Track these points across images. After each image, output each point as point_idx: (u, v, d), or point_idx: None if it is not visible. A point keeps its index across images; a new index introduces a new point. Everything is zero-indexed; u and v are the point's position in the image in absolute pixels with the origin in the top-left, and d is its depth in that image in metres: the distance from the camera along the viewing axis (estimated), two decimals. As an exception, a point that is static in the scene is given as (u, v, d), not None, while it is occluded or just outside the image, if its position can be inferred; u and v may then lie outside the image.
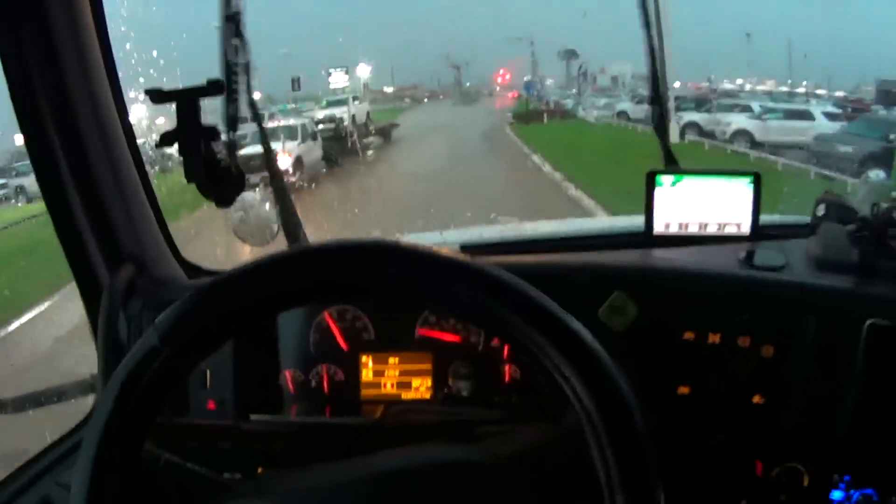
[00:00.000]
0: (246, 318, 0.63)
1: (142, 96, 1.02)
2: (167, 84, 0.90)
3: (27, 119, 1.12)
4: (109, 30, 1.19)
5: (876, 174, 1.42)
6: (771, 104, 18.29)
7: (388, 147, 18.21)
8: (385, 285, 0.62)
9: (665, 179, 1.32)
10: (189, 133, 0.90)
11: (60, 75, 1.11)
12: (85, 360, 1.31)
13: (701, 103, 18.88)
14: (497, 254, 1.33)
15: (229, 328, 0.64)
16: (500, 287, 0.59)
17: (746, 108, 17.09)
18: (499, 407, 1.14)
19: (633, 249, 1.31)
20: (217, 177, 0.94)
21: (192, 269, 1.39)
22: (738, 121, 15.70)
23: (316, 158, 13.02)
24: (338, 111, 18.08)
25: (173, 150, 0.91)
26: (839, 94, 24.23)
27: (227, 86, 0.97)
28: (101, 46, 1.17)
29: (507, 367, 1.17)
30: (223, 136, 0.95)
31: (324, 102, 20.96)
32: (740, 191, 1.31)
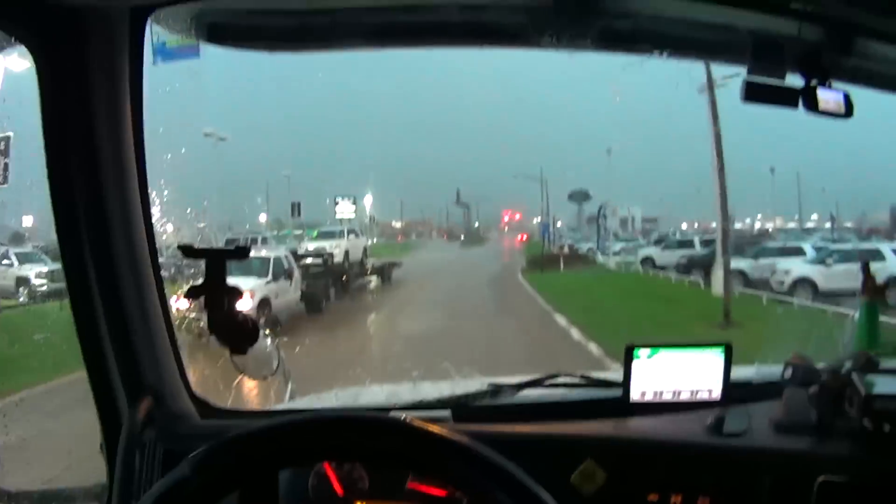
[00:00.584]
0: (269, 467, 0.81)
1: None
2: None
3: (68, 248, 1.25)
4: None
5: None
6: (823, 244, 16.81)
7: (385, 290, 16.70)
8: (398, 456, 0.80)
9: (642, 352, 1.41)
10: (215, 290, 1.02)
11: (102, 201, 1.24)
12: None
13: (739, 248, 16.00)
14: (486, 421, 1.43)
15: (254, 473, 0.81)
16: (491, 467, 0.76)
17: (798, 251, 15.56)
18: None
19: (610, 419, 1.40)
20: (235, 329, 1.07)
21: (202, 405, 1.48)
22: (797, 267, 13.99)
23: (290, 301, 11.74)
24: (329, 244, 16.17)
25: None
26: (847, 224, 24.09)
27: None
28: (139, 175, 1.30)
29: None
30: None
31: (314, 234, 18.67)
32: (712, 360, 1.41)
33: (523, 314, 12.56)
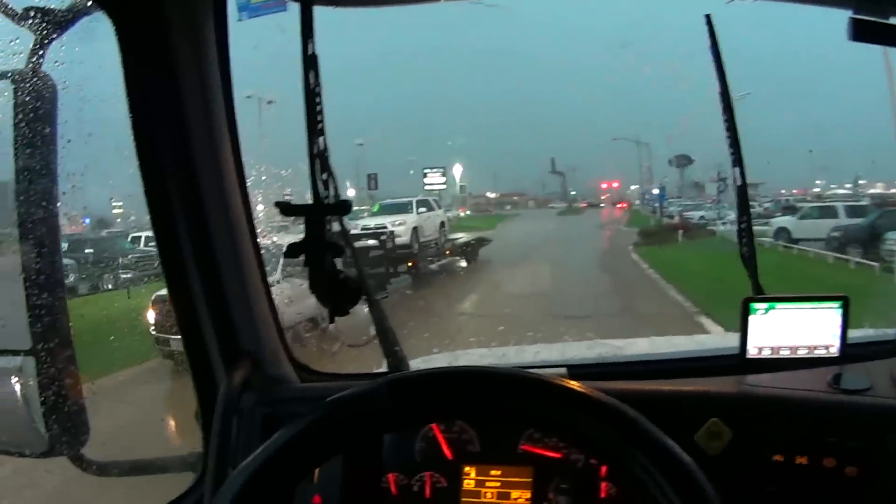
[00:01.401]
0: (396, 422, 0.84)
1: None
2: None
3: (159, 213, 1.25)
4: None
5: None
6: None
7: (467, 275, 14.01)
8: (526, 413, 0.80)
9: (759, 307, 1.36)
10: (315, 247, 0.99)
11: (194, 170, 1.24)
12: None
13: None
14: (600, 378, 1.38)
15: (377, 429, 0.85)
16: (627, 423, 0.73)
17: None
18: None
19: (727, 376, 1.34)
20: (336, 289, 1.03)
21: (302, 369, 1.48)
22: None
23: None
24: (391, 221, 12.98)
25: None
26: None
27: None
28: (231, 142, 1.29)
29: (603, 485, 1.22)
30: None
31: (376, 207, 15.22)
32: (829, 316, 1.35)
33: (656, 318, 8.58)
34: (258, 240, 1.37)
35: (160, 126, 1.20)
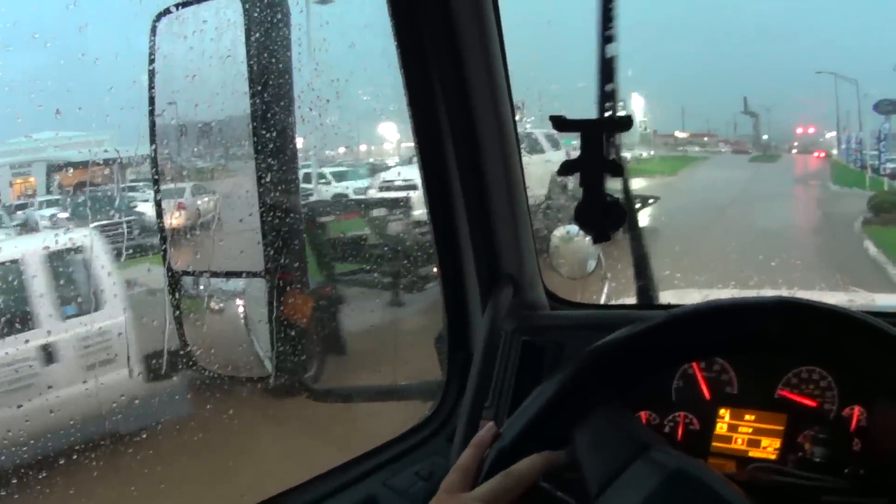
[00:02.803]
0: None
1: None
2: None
3: (422, 123, 1.25)
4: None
5: None
6: None
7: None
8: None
9: None
10: (592, 166, 0.92)
11: (463, 80, 1.22)
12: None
13: None
14: None
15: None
16: None
17: None
18: (847, 478, 1.12)
19: None
20: (605, 212, 0.96)
21: (554, 299, 1.45)
22: None
23: None
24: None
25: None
26: None
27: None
28: (503, 62, 1.26)
29: (855, 439, 1.17)
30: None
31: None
32: None
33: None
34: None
35: (429, 37, 1.20)
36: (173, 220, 1.25)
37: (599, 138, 0.92)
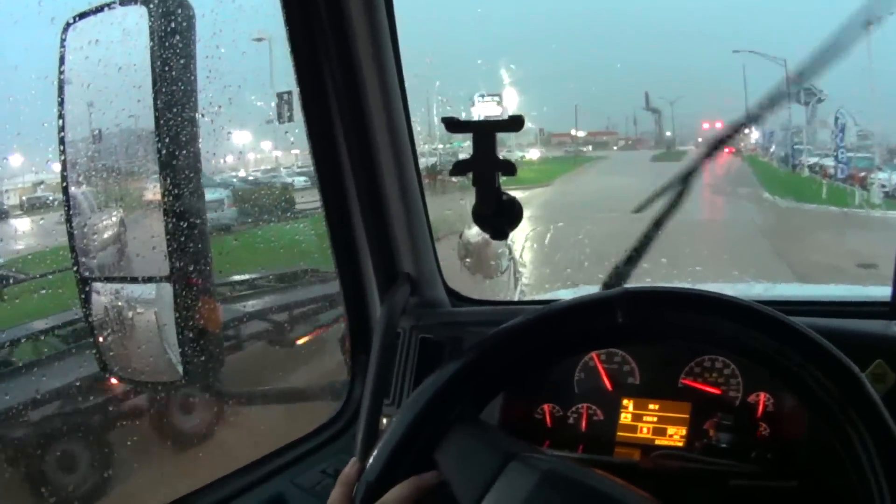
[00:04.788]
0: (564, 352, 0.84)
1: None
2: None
3: (316, 125, 1.27)
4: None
5: None
6: None
7: None
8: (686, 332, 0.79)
9: None
10: (485, 165, 0.95)
11: (356, 82, 1.24)
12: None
13: None
14: None
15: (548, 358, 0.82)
16: (795, 336, 0.74)
17: None
18: (754, 462, 1.17)
19: (878, 320, 1.28)
20: (500, 211, 0.99)
21: (454, 296, 1.48)
22: None
23: None
24: None
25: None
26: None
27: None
28: (395, 62, 1.28)
29: (762, 425, 1.22)
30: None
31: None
32: None
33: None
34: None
35: (322, 41, 1.22)
36: (83, 227, 1.24)
37: (491, 138, 0.95)
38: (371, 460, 0.73)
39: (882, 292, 1.32)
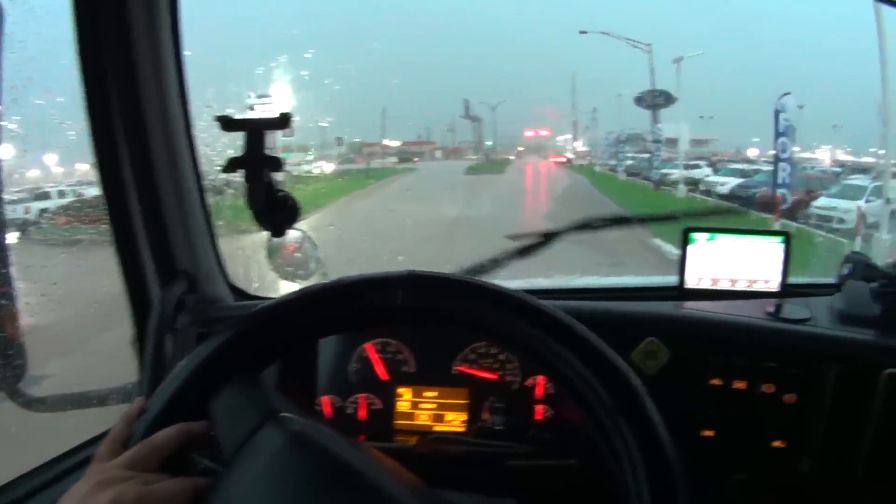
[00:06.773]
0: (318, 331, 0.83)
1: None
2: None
3: (98, 126, 1.24)
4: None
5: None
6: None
7: None
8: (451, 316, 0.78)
9: (699, 236, 1.44)
10: (254, 161, 0.99)
11: (136, 86, 1.24)
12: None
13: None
14: (548, 299, 1.42)
15: (301, 339, 0.82)
16: (555, 325, 0.75)
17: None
18: (530, 442, 1.24)
19: (667, 301, 1.42)
20: (274, 207, 1.04)
21: (238, 293, 1.51)
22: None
23: None
24: None
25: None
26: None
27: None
28: (176, 65, 1.29)
29: (539, 407, 1.29)
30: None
31: None
32: (771, 249, 1.44)
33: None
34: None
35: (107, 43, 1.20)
36: None
37: (261, 136, 0.98)
38: (152, 401, 0.74)
39: (675, 279, 1.47)
